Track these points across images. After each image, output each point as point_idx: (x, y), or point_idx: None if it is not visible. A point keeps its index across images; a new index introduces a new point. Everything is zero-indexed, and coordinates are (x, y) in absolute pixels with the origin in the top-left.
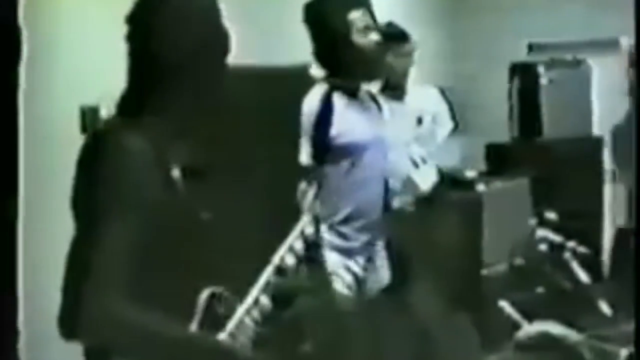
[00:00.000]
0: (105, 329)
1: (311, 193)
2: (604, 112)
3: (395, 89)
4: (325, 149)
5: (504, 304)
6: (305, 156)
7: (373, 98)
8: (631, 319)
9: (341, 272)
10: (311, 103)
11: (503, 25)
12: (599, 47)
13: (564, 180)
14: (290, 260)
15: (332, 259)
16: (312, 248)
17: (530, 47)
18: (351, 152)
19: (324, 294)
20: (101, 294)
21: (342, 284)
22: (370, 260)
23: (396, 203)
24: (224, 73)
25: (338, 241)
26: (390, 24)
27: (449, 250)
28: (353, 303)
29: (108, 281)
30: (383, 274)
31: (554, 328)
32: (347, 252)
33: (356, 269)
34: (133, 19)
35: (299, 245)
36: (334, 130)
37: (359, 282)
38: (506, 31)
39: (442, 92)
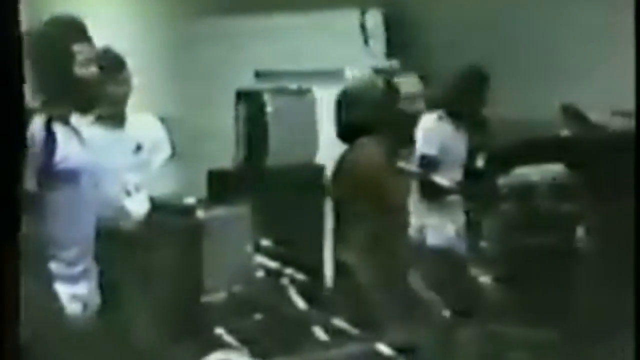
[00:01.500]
0: None
1: None
2: (328, 141)
3: (113, 117)
4: (49, 177)
5: (220, 331)
6: (30, 184)
7: (75, 128)
8: (358, 343)
9: (69, 300)
10: (34, 132)
11: (230, 52)
12: (324, 77)
13: (287, 208)
14: None
15: (60, 288)
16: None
17: (257, 75)
18: (68, 180)
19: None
20: None
21: (71, 310)
22: (92, 284)
23: (109, 229)
24: None
25: (62, 269)
26: (107, 51)
27: (164, 276)
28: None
29: None
30: (97, 297)
31: (236, 357)
32: (72, 279)
33: (82, 294)
34: None
35: None
36: (56, 159)
37: (86, 307)
38: (234, 59)
39: (161, 119)
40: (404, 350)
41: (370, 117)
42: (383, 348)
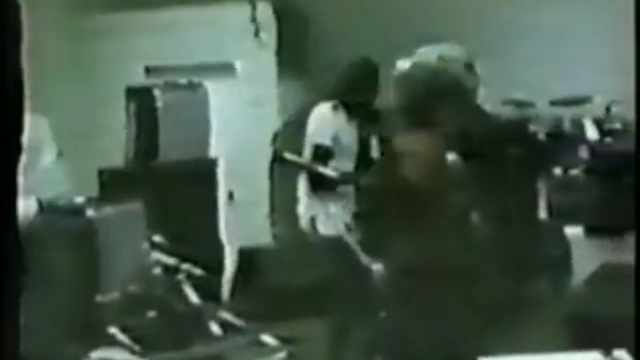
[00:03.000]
0: None
1: None
2: (221, 134)
3: None
4: None
5: (114, 330)
6: None
7: None
8: (245, 335)
9: None
10: None
11: (120, 48)
12: (215, 71)
13: (181, 203)
14: None
15: None
16: None
17: (147, 70)
18: None
19: None
20: None
21: None
22: None
23: None
24: None
25: None
26: None
27: (55, 277)
28: None
29: None
30: None
31: (118, 354)
32: None
33: None
34: None
35: None
36: None
37: None
38: (123, 55)
39: (48, 118)
40: (288, 341)
41: (430, 99)
42: (268, 339)
